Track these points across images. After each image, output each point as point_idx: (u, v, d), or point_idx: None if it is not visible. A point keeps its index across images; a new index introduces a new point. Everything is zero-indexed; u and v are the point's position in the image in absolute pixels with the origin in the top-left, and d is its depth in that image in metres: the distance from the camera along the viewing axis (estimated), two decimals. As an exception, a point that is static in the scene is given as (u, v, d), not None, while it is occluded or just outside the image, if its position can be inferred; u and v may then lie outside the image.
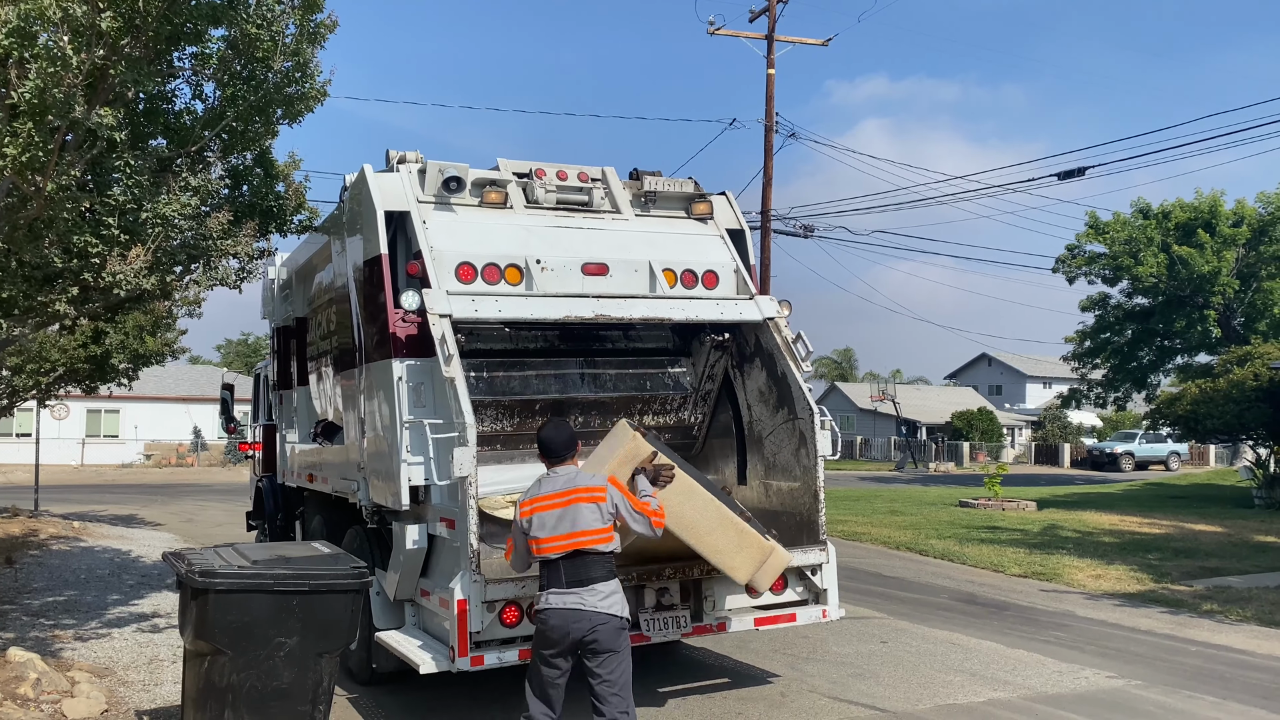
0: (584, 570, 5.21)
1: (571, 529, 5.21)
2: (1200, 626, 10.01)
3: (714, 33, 25.29)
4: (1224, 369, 25.07)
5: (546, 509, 5.26)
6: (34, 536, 15.99)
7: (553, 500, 5.27)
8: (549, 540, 5.22)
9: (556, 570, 5.23)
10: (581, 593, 5.18)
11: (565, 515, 5.23)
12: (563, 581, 5.21)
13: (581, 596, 5.17)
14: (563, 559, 5.21)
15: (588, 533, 5.21)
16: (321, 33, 7.12)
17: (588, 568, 5.21)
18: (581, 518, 5.22)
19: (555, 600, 5.20)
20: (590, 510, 5.23)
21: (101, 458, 45.99)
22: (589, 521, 5.22)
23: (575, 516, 5.22)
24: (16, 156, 5.65)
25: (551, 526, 5.22)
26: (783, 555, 6.40)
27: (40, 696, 6.80)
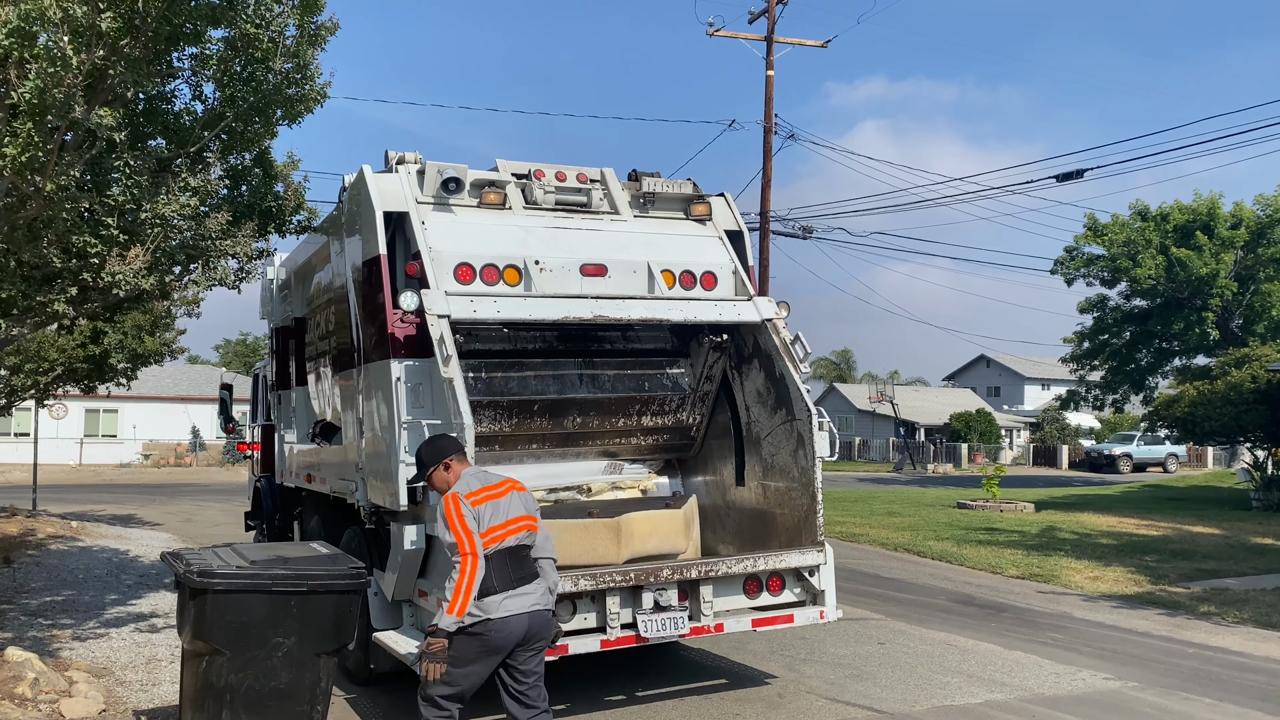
0: (526, 565, 5.13)
1: (522, 512, 5.18)
2: (1197, 628, 10.03)
3: (713, 34, 25.32)
4: (1222, 371, 25.11)
5: (495, 497, 5.15)
6: (32, 536, 15.98)
7: (493, 490, 5.18)
8: (502, 526, 5.07)
9: (504, 566, 5.03)
10: (531, 590, 5.08)
11: (512, 500, 5.19)
12: (511, 580, 5.03)
13: (536, 595, 5.09)
14: (509, 552, 5.06)
15: (528, 517, 5.19)
16: (322, 35, 7.12)
17: (527, 562, 5.14)
18: (520, 503, 5.21)
19: (513, 605, 4.99)
20: (525, 497, 5.28)
21: (100, 457, 45.96)
22: (528, 507, 5.24)
23: (514, 502, 5.18)
24: (16, 156, 5.65)
25: (504, 512, 5.12)
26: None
27: (38, 696, 6.80)
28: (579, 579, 6.34)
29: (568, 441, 8.00)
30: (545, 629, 5.15)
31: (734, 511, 8.05)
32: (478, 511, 5.05)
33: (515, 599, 5.01)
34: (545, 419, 7.76)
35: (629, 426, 8.09)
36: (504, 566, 5.03)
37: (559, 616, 6.38)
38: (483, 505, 5.09)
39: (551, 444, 7.95)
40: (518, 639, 5.03)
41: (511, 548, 5.09)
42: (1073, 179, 21.62)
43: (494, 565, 5.01)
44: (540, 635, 5.12)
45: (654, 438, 8.25)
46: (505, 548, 5.07)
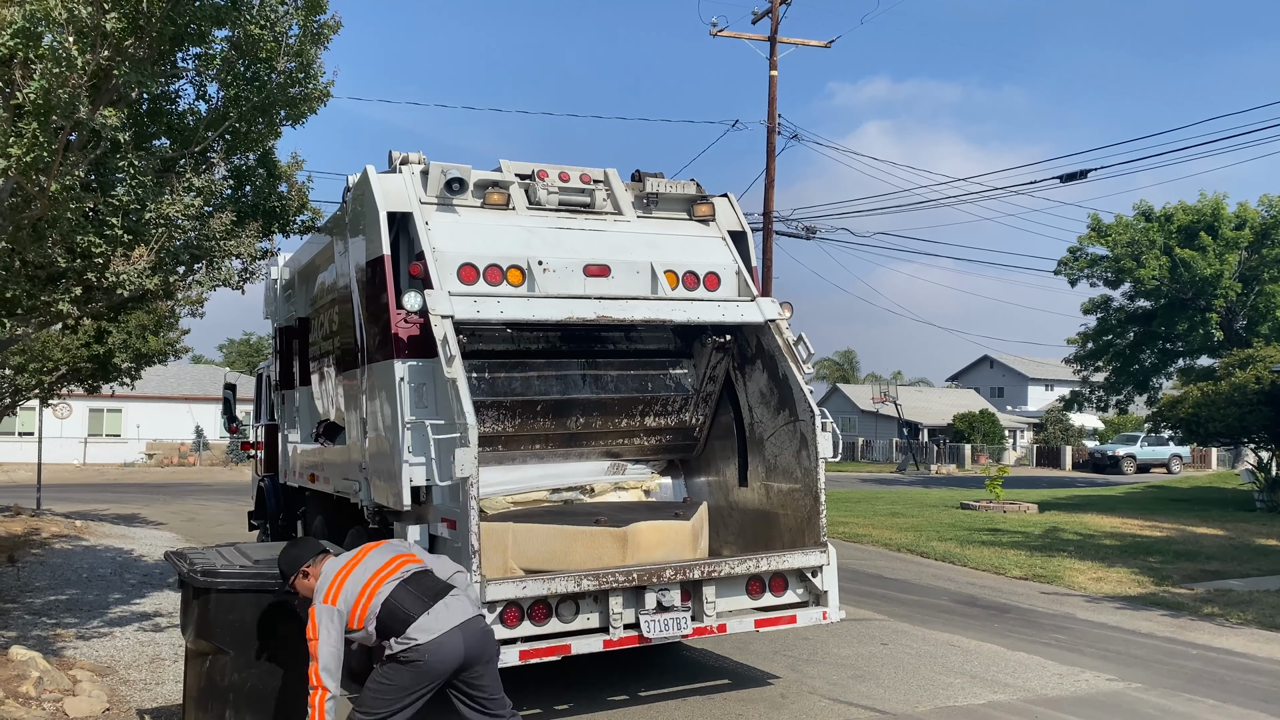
0: (434, 583, 4.92)
1: (392, 555, 5.01)
2: (1201, 629, 10.02)
3: (716, 34, 25.30)
4: (1226, 372, 25.06)
5: (350, 568, 4.97)
6: (36, 535, 16.02)
7: (348, 565, 5.00)
8: (374, 575, 4.87)
9: (405, 593, 4.81)
10: (452, 603, 4.85)
11: (372, 556, 5.03)
12: (424, 599, 4.80)
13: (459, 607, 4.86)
14: (405, 581, 4.86)
15: (401, 556, 5.04)
16: (325, 33, 7.14)
17: (433, 581, 4.93)
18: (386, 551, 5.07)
19: (439, 622, 4.75)
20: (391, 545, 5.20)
21: (104, 457, 46.03)
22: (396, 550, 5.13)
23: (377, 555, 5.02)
24: (21, 157, 5.67)
25: (369, 568, 4.92)
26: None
27: (42, 695, 6.81)
28: (582, 579, 6.35)
29: (571, 442, 8.01)
30: (484, 644, 4.92)
31: (737, 512, 8.05)
32: (341, 600, 4.82)
33: (436, 616, 4.79)
34: (548, 419, 7.76)
35: (632, 427, 8.09)
36: (406, 594, 4.83)
37: (562, 617, 6.41)
38: (343, 587, 4.86)
39: (555, 444, 7.96)
40: (456, 660, 4.78)
41: (404, 578, 4.89)
42: (1076, 179, 21.60)
43: (395, 597, 4.80)
44: (483, 654, 4.91)
45: (657, 438, 8.25)
46: (398, 579, 4.88)
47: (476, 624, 4.93)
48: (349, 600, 4.82)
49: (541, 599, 6.34)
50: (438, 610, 4.82)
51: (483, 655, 4.90)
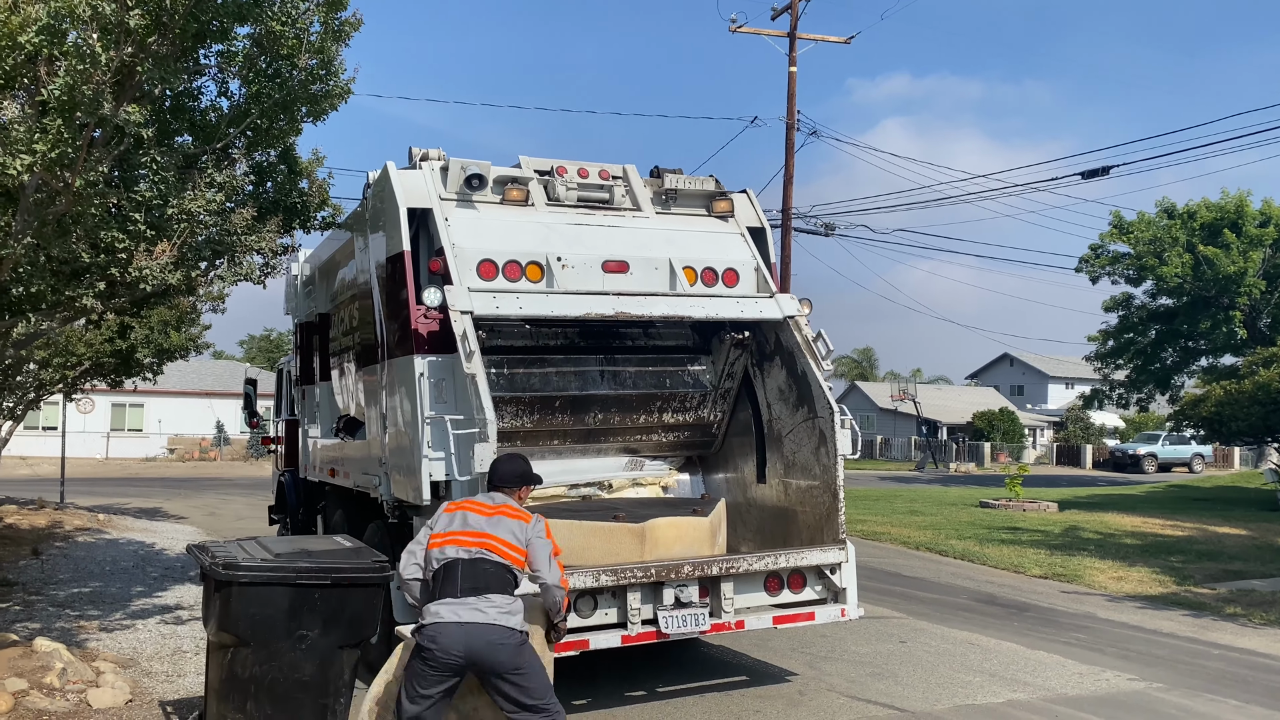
0: (482, 579, 4.83)
1: (483, 530, 4.96)
2: (1223, 630, 9.94)
3: (736, 30, 25.24)
4: (1250, 370, 24.81)
5: (472, 510, 5.07)
6: (60, 528, 16.18)
7: (480, 506, 5.11)
8: (460, 533, 4.93)
9: (452, 575, 4.83)
10: (476, 602, 4.78)
11: (487, 519, 5.03)
12: (457, 589, 4.78)
13: (477, 606, 4.77)
14: (463, 561, 4.86)
15: (498, 539, 4.94)
16: (346, 31, 7.16)
17: (486, 576, 4.84)
18: (498, 526, 4.99)
19: (444, 612, 4.76)
20: (512, 523, 5.03)
21: (126, 451, 46.41)
22: (505, 532, 4.97)
23: (494, 523, 5.00)
24: (46, 153, 5.72)
25: (472, 524, 4.98)
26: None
27: (66, 686, 6.89)
28: (600, 574, 6.36)
29: (589, 438, 8.02)
30: (492, 654, 4.75)
31: (755, 509, 8.05)
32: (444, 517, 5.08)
33: (451, 607, 4.78)
34: (567, 415, 7.77)
35: (650, 423, 8.09)
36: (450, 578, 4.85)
37: (580, 612, 6.42)
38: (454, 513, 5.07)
39: (573, 440, 7.97)
40: (457, 655, 4.72)
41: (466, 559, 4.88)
42: (1098, 176, 21.43)
43: (446, 572, 4.87)
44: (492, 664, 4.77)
45: (675, 435, 8.25)
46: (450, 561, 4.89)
47: (484, 632, 4.75)
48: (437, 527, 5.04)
49: (560, 594, 6.34)
50: (455, 603, 4.79)
51: (492, 665, 4.77)
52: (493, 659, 4.75)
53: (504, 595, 4.84)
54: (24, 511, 17.80)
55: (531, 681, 4.85)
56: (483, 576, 4.84)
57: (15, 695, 6.52)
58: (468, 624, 4.72)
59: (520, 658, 4.83)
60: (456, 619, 4.74)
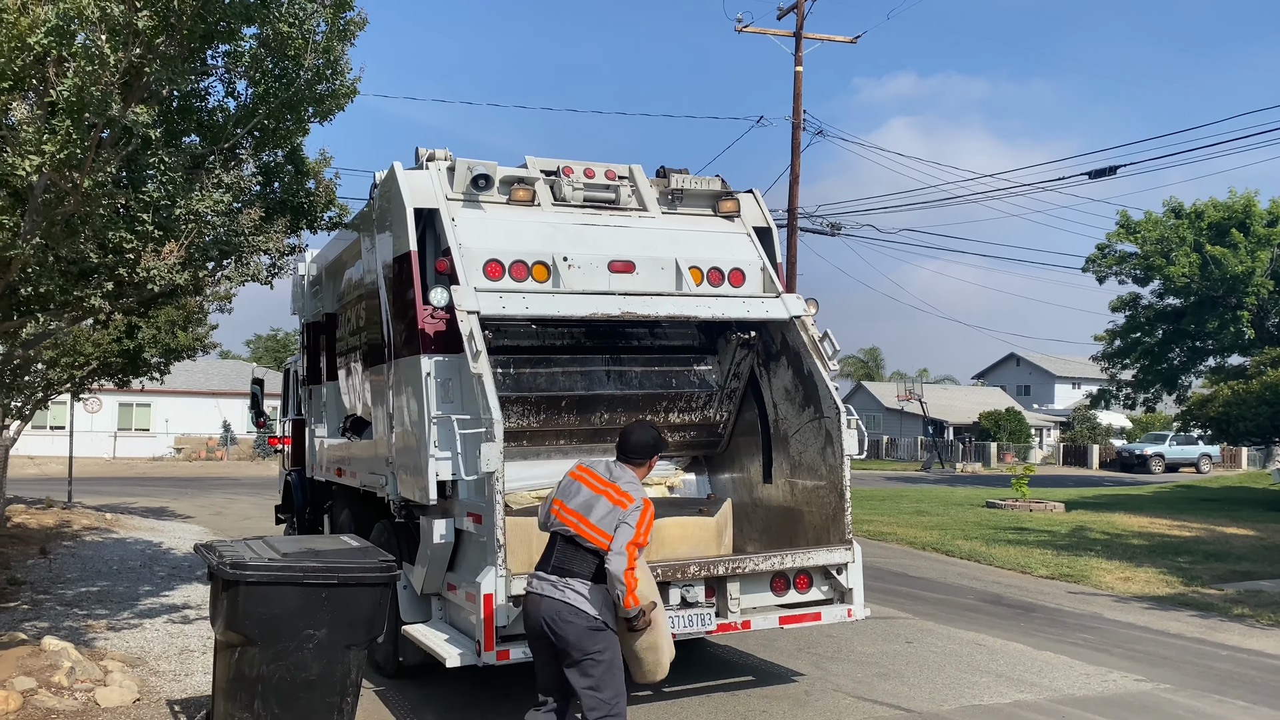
0: (569, 560, 4.99)
1: (581, 510, 5.02)
2: (1231, 630, 9.91)
3: (741, 30, 25.26)
4: (1257, 370, 24.75)
5: (587, 483, 5.14)
6: (68, 527, 16.24)
7: (594, 479, 5.16)
8: (565, 508, 5.08)
9: (550, 551, 5.12)
10: (557, 581, 4.99)
11: (593, 497, 5.05)
12: (548, 565, 5.07)
13: (553, 583, 5.00)
14: (559, 540, 5.08)
15: (591, 525, 4.97)
16: (351, 30, 7.17)
17: (578, 559, 4.98)
18: (596, 508, 5.01)
19: (535, 584, 5.08)
20: (608, 506, 5.01)
21: (133, 451, 46.56)
22: (598, 516, 4.98)
23: (595, 504, 5.03)
24: (55, 153, 5.74)
25: (574, 501, 5.08)
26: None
27: (74, 685, 6.91)
28: (606, 574, 6.35)
29: (595, 438, 8.02)
30: (556, 629, 4.90)
31: (761, 509, 8.04)
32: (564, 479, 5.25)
33: (539, 580, 5.08)
34: (573, 415, 7.78)
35: (656, 423, 8.08)
36: (548, 553, 5.14)
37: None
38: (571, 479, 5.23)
39: (579, 440, 7.97)
40: (534, 625, 5.02)
41: (564, 535, 5.06)
42: (1105, 175, 21.38)
43: (549, 545, 5.17)
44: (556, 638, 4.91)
45: (681, 434, 8.25)
46: (557, 531, 5.11)
47: (555, 608, 4.93)
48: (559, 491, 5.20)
49: (566, 594, 6.34)
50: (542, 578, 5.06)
51: (561, 642, 4.93)
52: (561, 634, 4.90)
53: (586, 581, 4.96)
54: (32, 511, 17.86)
55: (597, 672, 4.89)
56: (571, 558, 5.01)
57: (24, 694, 6.55)
58: (546, 598, 4.99)
59: (590, 642, 4.89)
60: (539, 592, 5.03)
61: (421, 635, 6.86)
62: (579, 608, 4.90)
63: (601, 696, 4.89)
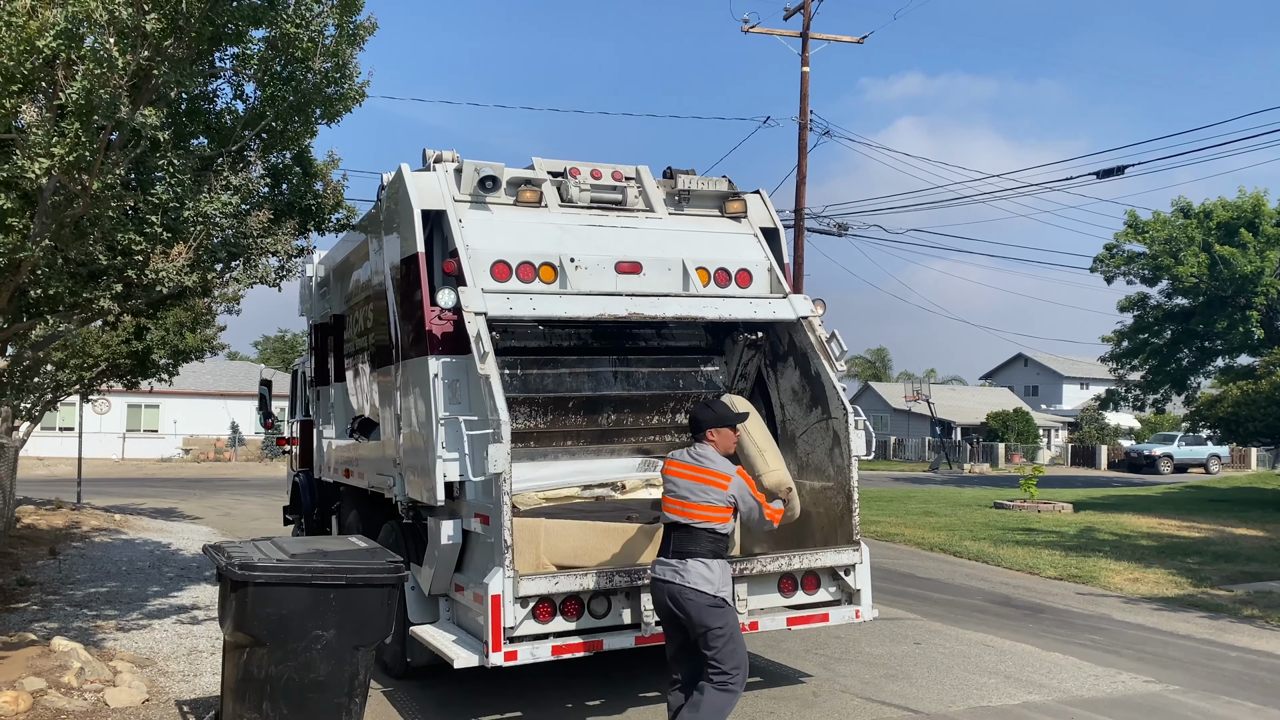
0: (684, 543, 5.53)
1: (688, 500, 5.58)
2: (1240, 631, 9.87)
3: (748, 31, 25.25)
4: (1267, 370, 24.66)
5: (679, 475, 5.68)
6: (77, 528, 16.30)
7: (686, 470, 5.67)
8: (672, 500, 5.65)
9: (668, 538, 5.64)
10: (674, 564, 5.52)
11: (693, 486, 5.61)
12: (668, 551, 5.59)
13: (674, 567, 5.52)
14: (673, 527, 5.60)
15: (702, 506, 5.54)
16: (360, 34, 7.19)
17: (690, 541, 5.51)
18: (702, 493, 5.56)
19: (657, 569, 5.64)
20: (714, 490, 5.55)
21: (141, 452, 46.69)
22: (707, 498, 5.54)
23: (699, 490, 5.58)
24: (64, 156, 5.76)
25: (677, 492, 5.64)
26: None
27: (84, 685, 6.94)
28: (614, 575, 6.36)
29: (602, 438, 8.03)
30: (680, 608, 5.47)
31: (769, 509, 8.02)
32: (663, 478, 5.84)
33: (660, 565, 5.64)
34: (580, 416, 7.78)
35: (663, 424, 8.10)
36: (666, 540, 5.68)
37: (594, 613, 6.44)
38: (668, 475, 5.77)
39: (586, 441, 7.98)
40: (661, 603, 5.61)
41: (676, 523, 5.61)
42: (1114, 175, 21.28)
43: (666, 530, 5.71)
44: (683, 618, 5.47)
45: (688, 435, 8.23)
46: (671, 522, 5.65)
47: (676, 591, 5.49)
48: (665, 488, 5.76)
49: (574, 595, 6.36)
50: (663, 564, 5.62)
51: (685, 619, 5.47)
52: (684, 612, 5.47)
53: (701, 561, 5.48)
54: (42, 512, 17.93)
55: (719, 644, 5.43)
56: (686, 541, 5.54)
57: (34, 694, 6.58)
58: (667, 582, 5.54)
59: (711, 618, 5.43)
60: (661, 577, 5.59)
61: (429, 636, 6.87)
62: (699, 588, 5.43)
63: (724, 667, 5.42)
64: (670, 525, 5.67)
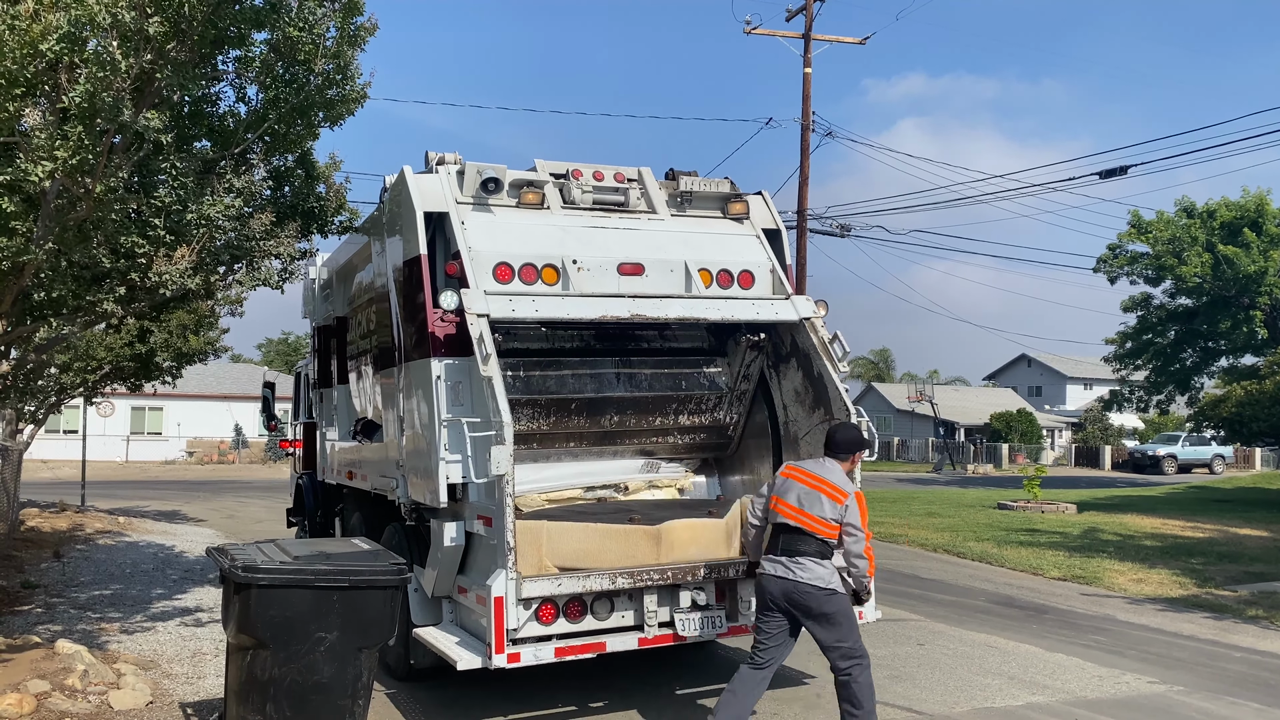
0: (797, 544, 5.93)
1: (799, 505, 5.96)
2: (1245, 632, 9.86)
3: (750, 32, 25.24)
4: (1271, 371, 24.62)
5: (796, 479, 6.07)
6: (81, 531, 16.32)
7: (803, 476, 6.07)
8: (783, 506, 6.02)
9: (776, 535, 6.03)
10: (787, 561, 5.92)
11: (808, 494, 5.97)
12: (776, 548, 5.99)
13: (786, 565, 5.92)
14: (780, 526, 6.00)
15: (814, 518, 5.92)
16: (362, 36, 7.20)
17: (803, 543, 5.92)
18: (817, 504, 5.94)
19: (767, 565, 6.01)
20: (828, 502, 5.93)
21: (145, 454, 46.74)
22: (820, 510, 5.92)
23: (813, 500, 5.95)
24: (67, 159, 5.77)
25: (793, 498, 6.00)
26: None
27: (88, 688, 6.94)
28: (616, 577, 6.36)
29: (605, 440, 8.03)
30: (796, 600, 5.88)
31: (772, 511, 8.02)
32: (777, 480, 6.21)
33: (772, 562, 6.01)
34: (583, 417, 7.78)
35: (666, 425, 8.09)
36: (776, 537, 6.05)
37: (596, 614, 6.44)
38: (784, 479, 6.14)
39: (589, 442, 7.98)
40: (775, 597, 5.93)
41: (787, 526, 5.99)
42: (1117, 176, 21.25)
43: (773, 533, 6.10)
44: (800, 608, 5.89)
45: (691, 437, 8.25)
46: (780, 524, 6.03)
47: (790, 587, 5.88)
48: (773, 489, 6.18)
49: (577, 596, 6.36)
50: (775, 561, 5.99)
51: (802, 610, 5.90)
52: (801, 604, 5.89)
53: (814, 559, 5.91)
54: (46, 514, 17.96)
55: (842, 625, 5.91)
56: (797, 542, 5.94)
57: (38, 697, 6.59)
58: (780, 578, 5.92)
59: (829, 605, 5.88)
60: (775, 574, 5.95)
61: (432, 638, 6.87)
62: (813, 584, 5.87)
63: (847, 645, 5.90)
64: (779, 527, 6.02)
